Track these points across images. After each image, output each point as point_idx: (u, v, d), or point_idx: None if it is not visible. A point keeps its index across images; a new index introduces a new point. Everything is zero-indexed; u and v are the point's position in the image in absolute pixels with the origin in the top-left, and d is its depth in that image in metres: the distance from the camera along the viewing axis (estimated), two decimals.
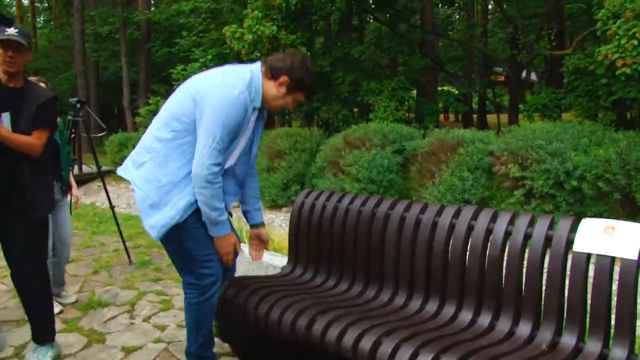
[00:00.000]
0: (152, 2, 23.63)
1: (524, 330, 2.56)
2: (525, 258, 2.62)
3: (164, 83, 21.23)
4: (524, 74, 15.76)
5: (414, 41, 13.98)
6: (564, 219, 2.56)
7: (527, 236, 2.62)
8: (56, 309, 4.28)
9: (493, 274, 2.68)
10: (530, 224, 2.63)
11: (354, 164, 8.87)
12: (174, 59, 20.68)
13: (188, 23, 17.85)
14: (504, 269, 2.67)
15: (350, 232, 3.26)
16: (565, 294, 2.48)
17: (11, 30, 3.05)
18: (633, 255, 2.30)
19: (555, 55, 12.54)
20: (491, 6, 24.19)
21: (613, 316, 2.35)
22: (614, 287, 2.35)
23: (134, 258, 5.85)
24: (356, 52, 12.46)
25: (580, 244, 2.45)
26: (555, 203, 7.04)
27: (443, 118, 29.10)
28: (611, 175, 6.64)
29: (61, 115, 4.87)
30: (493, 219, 2.76)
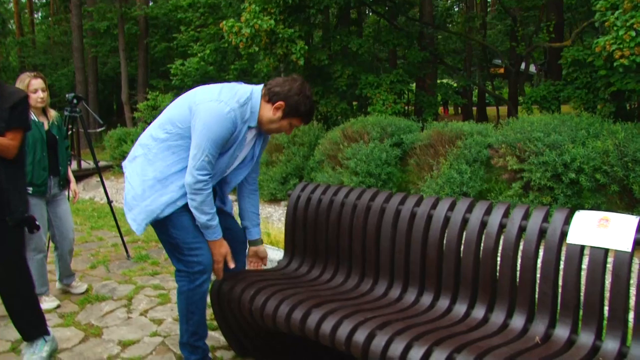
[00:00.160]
0: None
1: (517, 322, 2.57)
2: (520, 250, 2.62)
3: (162, 78, 21.23)
4: (523, 66, 15.72)
5: (412, 34, 13.94)
6: (558, 211, 2.56)
7: (522, 228, 2.62)
8: (53, 303, 4.30)
9: (487, 266, 2.68)
10: (525, 217, 2.64)
11: (353, 157, 8.85)
12: (172, 54, 20.71)
13: (186, 18, 17.83)
14: (498, 261, 2.67)
15: (346, 226, 3.26)
16: (559, 286, 2.48)
17: None
18: (626, 247, 2.30)
19: (554, 47, 12.51)
20: None
21: (606, 308, 2.35)
22: (608, 279, 2.35)
23: (132, 253, 5.87)
24: (354, 46, 12.42)
25: (574, 236, 2.45)
26: (553, 195, 7.03)
27: (442, 111, 29.11)
28: (609, 167, 6.63)
29: (60, 111, 4.88)
30: (488, 212, 2.76)
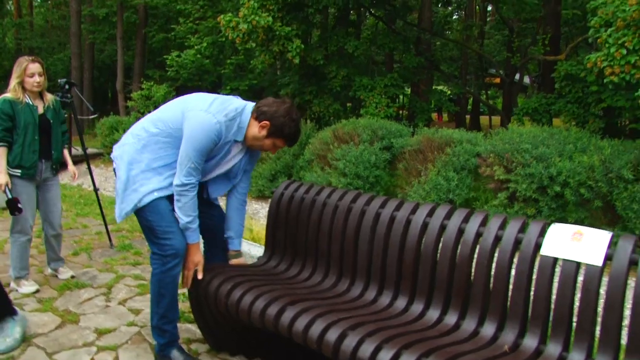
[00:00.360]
0: None
1: (488, 330, 2.60)
2: (495, 260, 2.65)
3: (158, 68, 21.16)
4: (517, 77, 15.79)
5: (409, 39, 13.99)
6: (534, 223, 2.60)
7: (498, 238, 2.65)
8: (32, 288, 4.30)
9: (462, 273, 2.71)
10: (502, 226, 2.67)
11: (342, 158, 8.89)
12: (170, 45, 20.65)
13: (185, 9, 17.80)
14: (473, 269, 2.70)
15: (326, 226, 3.29)
16: (531, 297, 2.52)
17: None
18: (598, 262, 2.34)
19: (548, 60, 12.60)
20: (490, 8, 24.23)
21: (575, 320, 2.39)
22: (578, 292, 2.39)
23: (116, 242, 5.86)
24: (350, 47, 12.45)
25: (548, 248, 2.48)
26: (537, 207, 7.09)
27: (437, 117, 29.16)
28: (594, 183, 6.69)
29: (52, 95, 4.87)
30: (466, 220, 2.80)
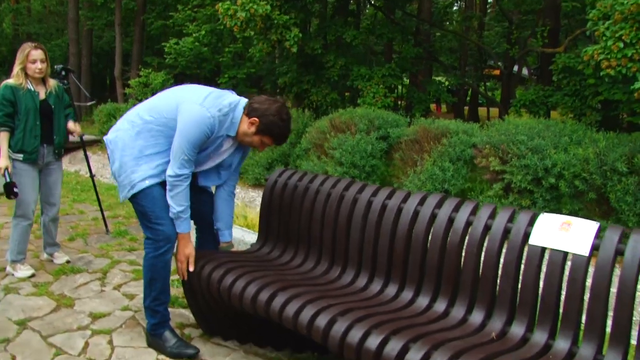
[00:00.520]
0: None
1: (476, 318, 2.64)
2: (484, 248, 2.69)
3: (157, 56, 21.09)
4: (516, 69, 15.80)
5: (407, 29, 13.96)
6: (523, 213, 2.63)
7: (487, 227, 2.68)
8: (28, 272, 4.34)
9: (452, 262, 2.75)
10: (492, 215, 2.70)
11: (338, 147, 8.91)
12: (168, 32, 20.55)
13: None
14: (462, 257, 2.74)
15: (318, 214, 3.32)
16: (519, 286, 2.56)
17: None
18: (584, 251, 2.37)
19: (546, 52, 12.59)
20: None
21: (561, 309, 2.43)
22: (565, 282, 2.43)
23: (112, 228, 5.89)
24: (349, 37, 12.44)
25: (536, 238, 2.52)
26: (532, 199, 7.13)
27: (435, 108, 29.15)
28: (588, 175, 6.72)
29: None
30: (456, 209, 2.83)
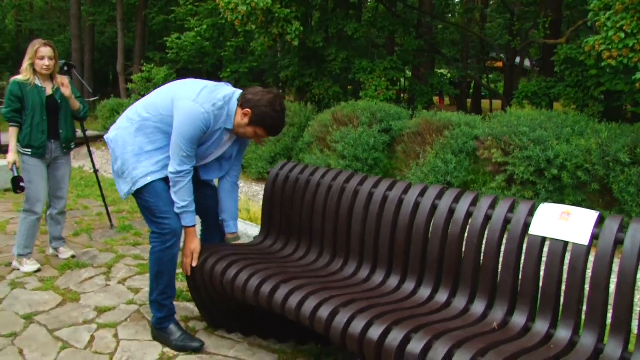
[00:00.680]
0: None
1: (478, 308, 2.66)
2: (485, 239, 2.70)
3: (159, 51, 21.09)
4: (518, 60, 15.75)
5: (409, 22, 13.94)
6: (523, 203, 2.64)
7: (488, 217, 2.70)
8: (34, 267, 4.37)
9: (453, 252, 2.77)
10: (492, 206, 2.72)
11: (341, 140, 8.92)
12: (170, 27, 20.55)
13: None
14: (463, 248, 2.76)
15: (320, 206, 3.34)
16: (520, 276, 2.58)
17: None
18: (584, 241, 2.39)
19: (548, 44, 12.55)
20: None
21: (562, 299, 2.45)
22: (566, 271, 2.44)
23: (116, 223, 5.93)
24: (350, 30, 12.43)
25: (537, 228, 2.53)
26: (535, 190, 7.14)
27: (438, 101, 29.11)
28: (590, 166, 6.73)
29: None
30: (456, 199, 2.84)
